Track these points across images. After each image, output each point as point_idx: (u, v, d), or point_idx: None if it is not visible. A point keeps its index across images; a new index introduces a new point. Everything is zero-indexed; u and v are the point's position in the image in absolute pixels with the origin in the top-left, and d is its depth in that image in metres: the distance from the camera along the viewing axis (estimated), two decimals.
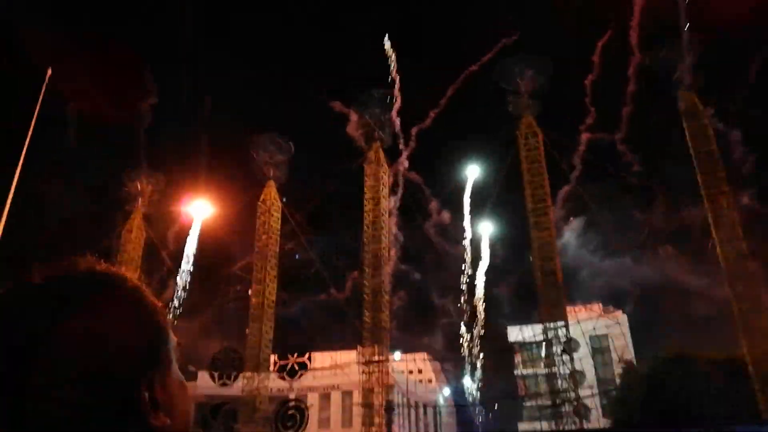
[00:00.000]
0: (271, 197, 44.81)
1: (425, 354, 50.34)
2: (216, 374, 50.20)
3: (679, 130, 36.69)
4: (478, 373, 47.37)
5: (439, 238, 46.00)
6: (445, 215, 46.43)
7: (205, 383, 50.27)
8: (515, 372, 50.07)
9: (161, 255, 48.40)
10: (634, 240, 42.41)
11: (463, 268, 45.90)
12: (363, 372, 40.98)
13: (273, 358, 45.82)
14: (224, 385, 49.24)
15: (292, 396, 50.45)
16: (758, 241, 34.34)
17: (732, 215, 34.09)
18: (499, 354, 44.86)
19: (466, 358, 47.11)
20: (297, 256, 46.80)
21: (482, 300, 44.09)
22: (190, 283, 49.95)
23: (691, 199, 38.33)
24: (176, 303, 48.42)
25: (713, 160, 34.71)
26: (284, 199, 44.52)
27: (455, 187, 45.21)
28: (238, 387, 44.59)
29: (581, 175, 41.38)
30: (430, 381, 52.91)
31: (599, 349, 49.74)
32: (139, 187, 47.65)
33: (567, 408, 36.59)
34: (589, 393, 42.74)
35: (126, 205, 47.26)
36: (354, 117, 44.16)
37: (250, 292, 44.15)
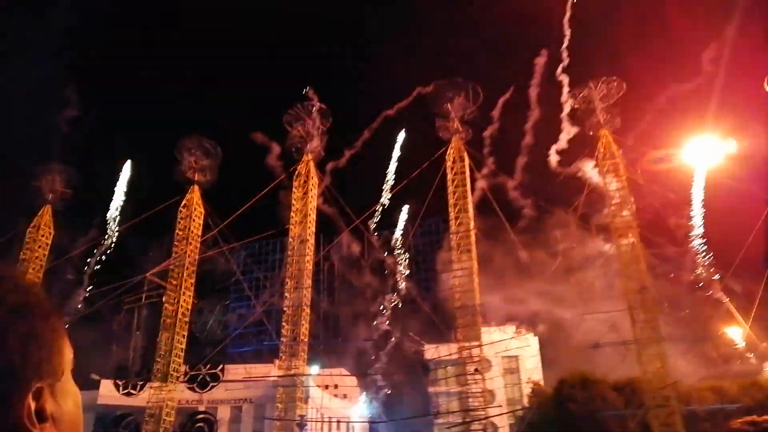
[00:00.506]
0: (194, 202, 43.41)
1: (343, 369, 50.17)
2: (121, 384, 47.75)
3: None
4: (392, 390, 47.83)
5: (354, 263, 46.12)
6: (358, 246, 46.70)
7: (108, 392, 47.67)
8: (429, 390, 50.86)
9: (67, 255, 45.55)
10: (543, 270, 44.47)
11: (383, 287, 46.27)
12: (278, 385, 40.31)
13: (184, 368, 44.16)
14: (129, 395, 46.86)
15: (201, 408, 48.76)
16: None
17: (636, 251, 36.57)
18: (415, 372, 45.44)
19: (382, 375, 47.44)
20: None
21: (393, 319, 44.71)
22: (97, 286, 47.30)
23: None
24: (80, 305, 45.56)
25: (624, 198, 37.22)
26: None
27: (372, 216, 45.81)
28: (143, 397, 42.62)
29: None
30: (345, 396, 52.71)
31: (510, 369, 51.50)
32: (49, 182, 44.86)
33: (476, 426, 37.52)
34: (498, 412, 43.96)
35: (35, 200, 44.40)
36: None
37: (164, 299, 42.41)
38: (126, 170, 46.52)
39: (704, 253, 39.34)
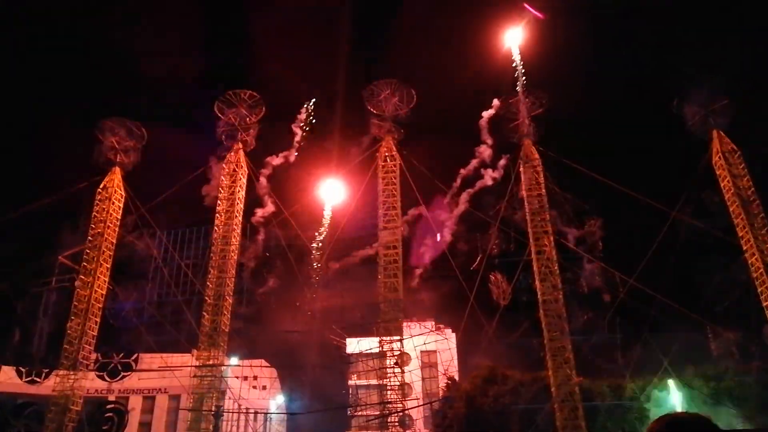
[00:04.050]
0: (114, 185, 41.62)
1: (262, 360, 49.78)
2: (24, 370, 45.21)
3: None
4: (313, 383, 48.01)
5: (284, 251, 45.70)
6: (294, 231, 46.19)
7: (8, 379, 44.98)
8: (349, 383, 51.45)
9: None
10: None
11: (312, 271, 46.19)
12: (195, 376, 39.53)
13: (95, 356, 42.39)
14: (32, 382, 44.46)
15: (112, 398, 46.98)
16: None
17: (550, 252, 38.72)
18: (336, 364, 45.88)
19: (303, 367, 47.54)
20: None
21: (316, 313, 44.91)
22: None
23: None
24: None
25: (541, 204, 39.29)
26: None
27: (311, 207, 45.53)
28: (48, 386, 40.59)
29: None
30: (264, 388, 52.37)
31: (428, 363, 52.98)
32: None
33: (393, 418, 38.44)
34: (414, 404, 45.17)
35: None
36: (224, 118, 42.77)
37: (76, 283, 40.47)
38: None
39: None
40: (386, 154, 41.34)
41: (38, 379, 43.41)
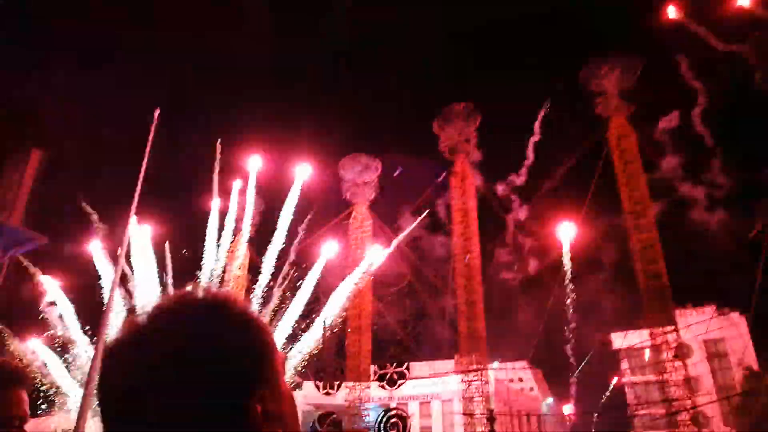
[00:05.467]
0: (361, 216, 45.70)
1: (524, 362, 49.22)
2: (320, 384, 52.04)
3: None
4: (579, 383, 45.68)
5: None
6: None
7: (309, 393, 52.31)
8: (623, 381, 47.72)
9: None
10: None
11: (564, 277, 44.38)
12: (462, 381, 40.96)
13: (372, 368, 46.82)
14: (327, 394, 50.94)
15: (393, 405, 51.23)
16: None
17: None
18: (604, 362, 43.01)
19: (566, 367, 45.60)
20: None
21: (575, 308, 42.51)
22: None
23: None
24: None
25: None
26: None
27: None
28: (340, 396, 46.01)
29: None
30: (531, 389, 51.67)
31: (715, 353, 46.28)
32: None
33: (684, 416, 34.77)
34: (707, 400, 40.08)
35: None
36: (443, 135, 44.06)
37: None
38: None
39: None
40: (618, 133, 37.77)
41: (332, 391, 49.48)
